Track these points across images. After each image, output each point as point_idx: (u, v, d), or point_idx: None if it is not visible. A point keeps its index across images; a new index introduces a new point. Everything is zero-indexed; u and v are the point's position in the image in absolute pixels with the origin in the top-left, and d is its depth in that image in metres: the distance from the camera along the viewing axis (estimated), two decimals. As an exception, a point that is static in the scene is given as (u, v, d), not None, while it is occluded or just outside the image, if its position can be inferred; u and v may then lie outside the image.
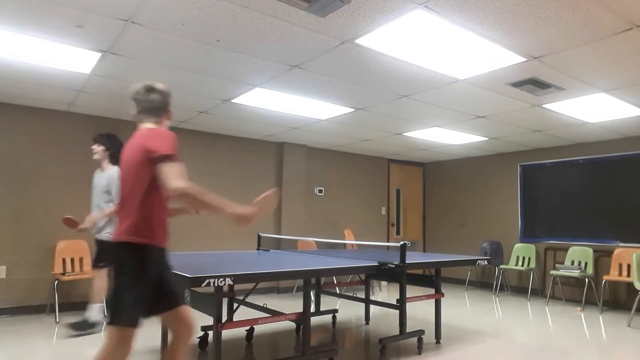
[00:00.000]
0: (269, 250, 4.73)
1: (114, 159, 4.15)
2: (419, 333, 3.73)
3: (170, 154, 2.00)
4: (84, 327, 4.08)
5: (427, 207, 8.80)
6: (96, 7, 2.69)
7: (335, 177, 7.60)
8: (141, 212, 2.06)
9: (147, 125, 2.20)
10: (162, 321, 2.29)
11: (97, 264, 4.20)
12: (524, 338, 4.26)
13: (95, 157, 4.22)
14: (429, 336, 4.06)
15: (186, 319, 2.22)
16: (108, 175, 4.13)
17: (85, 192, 5.27)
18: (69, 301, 5.04)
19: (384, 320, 4.96)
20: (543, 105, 4.60)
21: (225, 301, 4.32)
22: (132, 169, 2.09)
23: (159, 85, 2.26)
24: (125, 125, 5.61)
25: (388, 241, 8.05)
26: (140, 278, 2.05)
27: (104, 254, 4.12)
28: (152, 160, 2.02)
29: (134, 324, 2.02)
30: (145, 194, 2.06)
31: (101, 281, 4.15)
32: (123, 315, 2.01)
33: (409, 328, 3.77)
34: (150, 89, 2.23)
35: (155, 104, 2.22)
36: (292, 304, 5.72)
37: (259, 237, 4.80)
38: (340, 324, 4.71)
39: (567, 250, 6.43)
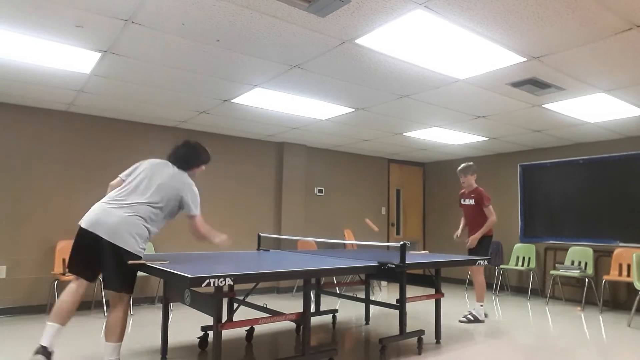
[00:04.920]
0: (269, 250, 4.73)
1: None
2: (419, 333, 3.73)
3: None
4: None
5: (427, 207, 8.80)
6: (96, 7, 2.69)
7: (335, 177, 7.60)
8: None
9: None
10: None
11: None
12: (524, 338, 4.26)
13: None
14: (429, 336, 4.06)
15: None
16: None
17: (85, 191, 5.27)
18: (69, 301, 5.04)
19: (384, 320, 4.96)
20: (543, 105, 4.60)
21: (225, 301, 4.32)
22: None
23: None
24: (124, 125, 5.61)
25: (388, 241, 8.04)
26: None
27: None
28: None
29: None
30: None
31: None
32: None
33: (409, 328, 3.76)
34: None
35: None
36: (292, 304, 5.72)
37: (259, 237, 4.80)
38: (340, 324, 4.71)
39: (567, 250, 6.43)
